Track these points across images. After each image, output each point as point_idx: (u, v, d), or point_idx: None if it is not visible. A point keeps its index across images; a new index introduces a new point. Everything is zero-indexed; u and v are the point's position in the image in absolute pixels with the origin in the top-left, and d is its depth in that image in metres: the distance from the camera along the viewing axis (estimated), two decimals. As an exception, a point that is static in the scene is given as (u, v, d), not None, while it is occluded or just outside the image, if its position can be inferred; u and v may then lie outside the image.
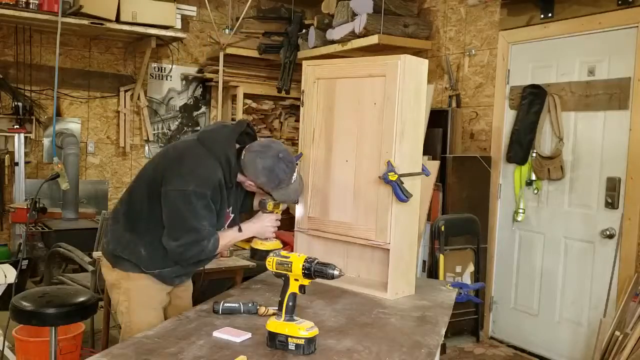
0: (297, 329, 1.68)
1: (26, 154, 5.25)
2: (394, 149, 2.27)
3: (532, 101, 4.12)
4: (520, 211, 4.27)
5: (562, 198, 4.04)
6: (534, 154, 4.16)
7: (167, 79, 6.05)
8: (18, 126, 5.13)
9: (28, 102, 5.27)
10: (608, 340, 3.42)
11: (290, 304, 1.72)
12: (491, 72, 4.52)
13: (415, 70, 2.33)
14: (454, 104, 4.77)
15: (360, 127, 2.39)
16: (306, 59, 2.99)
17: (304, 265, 1.68)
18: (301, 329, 1.68)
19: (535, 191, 4.20)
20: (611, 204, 3.71)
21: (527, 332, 4.28)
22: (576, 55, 3.94)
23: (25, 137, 5.21)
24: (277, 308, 1.75)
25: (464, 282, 4.08)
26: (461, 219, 4.29)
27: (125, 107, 5.78)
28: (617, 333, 3.38)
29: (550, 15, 4.02)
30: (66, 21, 4.80)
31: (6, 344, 3.39)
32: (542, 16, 4.07)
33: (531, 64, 4.24)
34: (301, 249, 2.61)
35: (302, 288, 1.71)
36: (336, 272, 1.67)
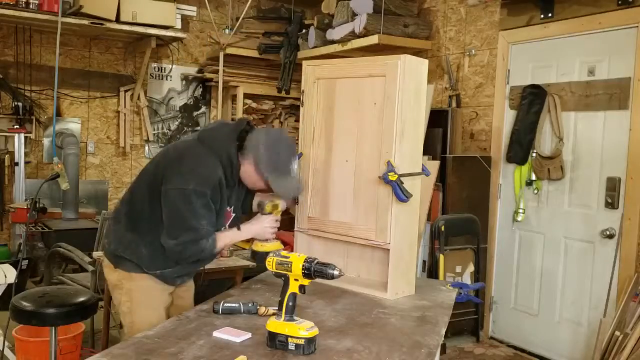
0: (297, 329, 1.68)
1: (26, 154, 5.25)
2: (394, 149, 2.27)
3: (532, 101, 4.12)
4: (520, 211, 4.27)
5: (562, 198, 4.05)
6: (534, 154, 4.16)
7: (167, 79, 6.05)
8: (18, 126, 5.13)
9: (28, 102, 5.27)
10: (608, 340, 3.42)
11: (290, 304, 1.72)
12: (491, 72, 4.53)
13: (415, 70, 2.33)
14: (454, 104, 4.77)
15: (360, 127, 2.39)
16: (306, 59, 2.99)
17: (304, 265, 1.68)
18: (301, 329, 1.68)
19: (535, 191, 4.20)
20: (611, 204, 3.71)
21: (527, 332, 4.28)
22: (576, 55, 3.94)
23: (25, 137, 5.21)
24: (277, 308, 1.75)
25: (464, 282, 4.08)
26: (461, 219, 4.29)
27: (125, 107, 5.78)
28: (617, 333, 3.38)
29: (550, 15, 4.02)
30: (66, 21, 4.80)
31: (6, 344, 3.39)
32: (542, 16, 4.07)
33: (531, 64, 4.23)
34: (301, 249, 2.61)
35: (302, 288, 1.71)
36: (336, 272, 1.67)
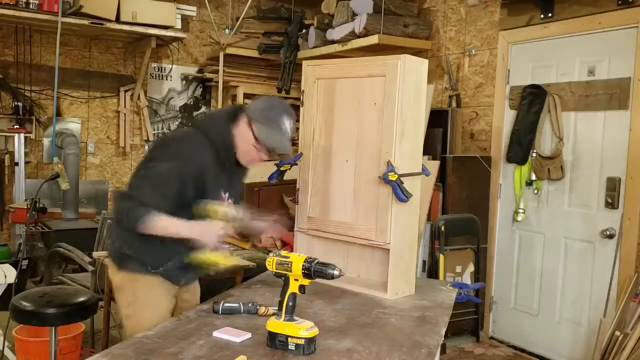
0: (297, 329, 1.68)
1: (26, 154, 5.25)
2: (394, 149, 2.27)
3: (532, 101, 4.12)
4: (520, 211, 4.27)
5: (562, 198, 4.04)
6: (534, 154, 4.16)
7: (167, 79, 6.05)
8: (18, 126, 5.13)
9: (28, 102, 5.27)
10: (608, 340, 3.42)
11: (290, 304, 1.72)
12: (491, 72, 4.52)
13: (415, 70, 2.33)
14: (454, 104, 4.77)
15: (360, 127, 2.39)
16: (306, 59, 2.99)
17: (304, 265, 1.68)
18: (301, 329, 1.68)
19: (535, 191, 4.20)
20: (611, 204, 3.71)
21: (527, 332, 4.27)
22: (576, 55, 3.93)
23: (25, 137, 5.21)
24: (277, 308, 1.75)
25: (464, 282, 4.08)
26: (461, 219, 4.29)
27: (125, 107, 5.78)
28: (617, 333, 3.38)
29: (550, 15, 4.02)
30: (66, 21, 4.80)
31: (6, 344, 3.39)
32: (542, 16, 4.07)
33: (531, 64, 4.23)
34: (301, 249, 2.61)
35: (302, 288, 1.71)
36: (336, 272, 1.67)
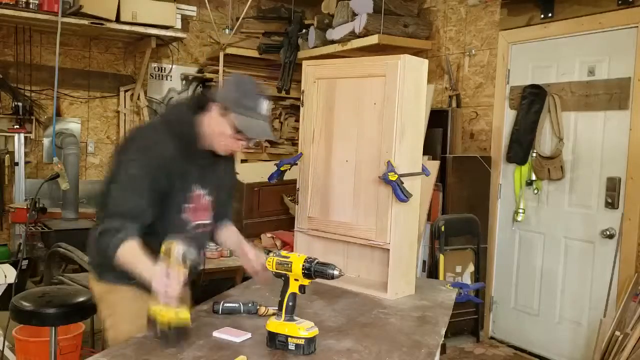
0: (297, 329, 1.68)
1: (26, 154, 5.24)
2: (394, 149, 2.27)
3: (532, 101, 4.12)
4: (520, 211, 4.27)
5: (562, 198, 4.04)
6: (534, 154, 4.16)
7: (167, 79, 6.05)
8: (18, 126, 5.13)
9: (28, 102, 5.26)
10: (608, 340, 3.42)
11: (290, 304, 1.71)
12: (491, 72, 4.52)
13: (415, 70, 2.33)
14: (454, 104, 4.77)
15: (360, 127, 2.39)
16: (306, 59, 2.99)
17: (304, 265, 1.68)
18: (301, 329, 1.68)
19: (535, 191, 4.20)
20: (611, 204, 3.71)
21: (527, 332, 4.27)
22: (576, 55, 3.93)
23: (25, 137, 5.20)
24: (277, 308, 1.75)
25: (464, 282, 4.08)
26: (461, 219, 4.29)
27: (125, 107, 5.78)
28: (617, 333, 3.38)
29: (550, 15, 4.02)
30: (66, 21, 4.79)
31: (6, 344, 3.39)
32: (542, 16, 4.07)
33: (531, 64, 4.23)
34: (301, 249, 2.61)
35: (302, 288, 1.71)
36: (336, 272, 1.67)
